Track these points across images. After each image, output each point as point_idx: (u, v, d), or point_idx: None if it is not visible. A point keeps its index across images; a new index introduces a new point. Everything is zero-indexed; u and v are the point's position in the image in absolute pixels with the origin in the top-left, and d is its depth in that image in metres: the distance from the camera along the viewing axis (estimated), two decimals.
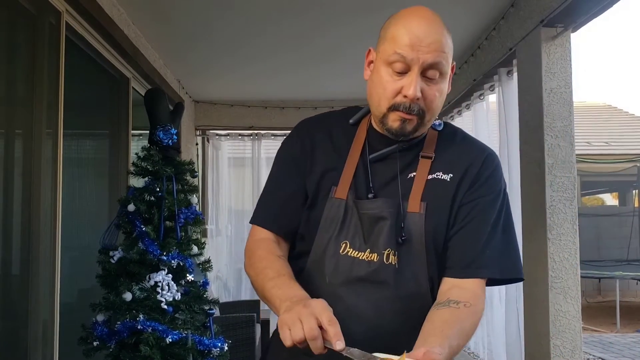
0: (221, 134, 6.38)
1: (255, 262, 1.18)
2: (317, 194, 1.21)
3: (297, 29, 3.91)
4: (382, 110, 1.17)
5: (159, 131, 2.66)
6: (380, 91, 1.16)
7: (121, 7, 3.38)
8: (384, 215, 1.15)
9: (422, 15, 1.17)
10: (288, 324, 0.94)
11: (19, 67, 2.49)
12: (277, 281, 1.09)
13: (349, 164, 1.22)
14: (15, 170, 2.42)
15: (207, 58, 4.64)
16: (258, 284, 1.14)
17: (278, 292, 1.06)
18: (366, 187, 1.20)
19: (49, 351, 2.56)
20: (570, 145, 2.95)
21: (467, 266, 1.16)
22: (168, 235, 2.57)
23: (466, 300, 1.11)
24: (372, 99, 1.20)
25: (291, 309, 0.97)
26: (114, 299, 2.41)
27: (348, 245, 1.16)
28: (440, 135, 1.26)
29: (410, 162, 1.22)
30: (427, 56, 1.12)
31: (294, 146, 1.28)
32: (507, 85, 3.60)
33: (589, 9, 2.73)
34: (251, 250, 1.22)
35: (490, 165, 1.24)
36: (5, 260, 2.38)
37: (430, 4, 1.28)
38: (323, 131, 1.28)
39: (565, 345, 2.87)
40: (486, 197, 1.20)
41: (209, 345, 2.54)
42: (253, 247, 1.23)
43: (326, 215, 1.18)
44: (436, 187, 1.19)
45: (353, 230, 1.16)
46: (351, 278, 1.14)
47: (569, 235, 2.92)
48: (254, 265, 1.18)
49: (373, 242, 1.15)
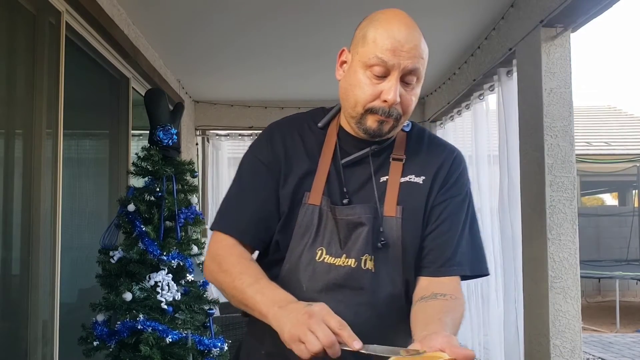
0: (221, 134, 6.38)
1: (229, 268, 1.14)
2: (292, 201, 1.19)
3: (297, 30, 3.91)
4: (358, 112, 1.16)
5: (159, 131, 2.67)
6: (358, 94, 1.15)
7: (121, 7, 3.38)
8: (363, 221, 1.16)
9: (402, 21, 1.16)
10: (300, 337, 0.93)
11: (19, 67, 2.49)
12: (256, 286, 1.08)
13: (321, 168, 1.20)
14: (16, 170, 2.42)
15: (207, 58, 4.64)
16: (236, 290, 1.11)
17: (262, 299, 1.05)
18: (340, 192, 1.19)
19: (49, 351, 2.56)
20: (570, 145, 2.95)
21: (443, 265, 1.19)
22: (168, 235, 2.57)
23: (450, 294, 1.14)
24: (347, 100, 1.19)
25: (286, 316, 0.97)
26: (114, 298, 2.41)
27: (324, 252, 1.15)
28: (409, 137, 1.27)
29: (382, 165, 1.22)
30: (408, 62, 1.12)
31: (265, 151, 1.23)
32: (506, 85, 3.60)
33: (589, 9, 2.73)
34: (221, 256, 1.17)
35: (459, 166, 1.27)
36: (5, 260, 2.38)
37: (431, 4, 1.28)
38: (294, 135, 1.25)
39: (565, 345, 2.88)
40: (456, 198, 1.23)
41: (209, 345, 2.55)
42: (223, 253, 1.17)
43: (300, 222, 1.17)
44: (411, 191, 1.20)
45: (329, 237, 1.16)
46: (329, 285, 1.14)
47: (568, 235, 2.92)
48: (228, 271, 1.14)
49: (350, 248, 1.15)
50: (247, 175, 1.24)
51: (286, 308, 0.99)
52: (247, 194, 1.22)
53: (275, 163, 1.21)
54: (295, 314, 0.96)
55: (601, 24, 55.12)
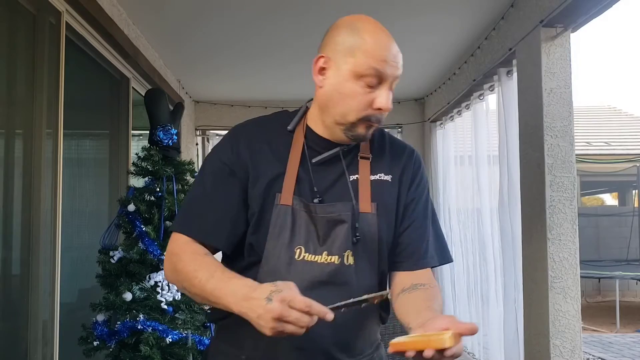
0: (221, 134, 6.38)
1: (184, 267, 1.15)
2: (263, 203, 1.20)
3: (297, 30, 3.91)
4: (349, 120, 1.19)
5: (159, 131, 2.67)
6: (351, 104, 1.17)
7: (121, 7, 3.38)
8: (343, 218, 1.20)
9: (383, 30, 1.21)
10: (281, 332, 0.98)
11: (19, 67, 2.49)
12: (213, 281, 1.10)
13: (290, 169, 1.22)
14: (16, 170, 2.42)
15: (208, 58, 4.65)
16: (195, 289, 1.13)
17: (221, 292, 1.07)
18: (310, 191, 1.22)
19: (49, 351, 2.56)
20: (570, 145, 2.95)
21: (420, 259, 1.28)
22: (168, 236, 2.57)
23: (428, 283, 1.24)
24: (335, 109, 1.20)
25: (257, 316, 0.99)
26: (114, 298, 2.41)
27: (303, 250, 1.17)
28: (372, 137, 1.29)
29: (350, 164, 1.26)
30: (398, 71, 1.19)
31: (229, 154, 1.24)
32: (506, 85, 3.60)
33: (589, 9, 2.73)
34: (177, 254, 1.19)
35: (420, 165, 1.36)
36: (5, 260, 2.38)
37: (431, 5, 1.29)
38: (261, 139, 1.26)
39: (565, 345, 2.88)
40: (422, 195, 1.33)
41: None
42: (178, 251, 1.19)
43: (274, 223, 1.18)
44: (381, 188, 1.26)
45: (305, 235, 1.18)
46: (314, 282, 1.16)
47: (568, 235, 2.92)
48: (183, 270, 1.15)
49: (330, 245, 1.18)
50: (210, 177, 1.24)
51: (251, 303, 1.01)
52: (210, 196, 1.22)
53: (240, 165, 1.22)
54: (264, 312, 0.98)
55: (601, 24, 55.14)
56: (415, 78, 5.26)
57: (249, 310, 1.01)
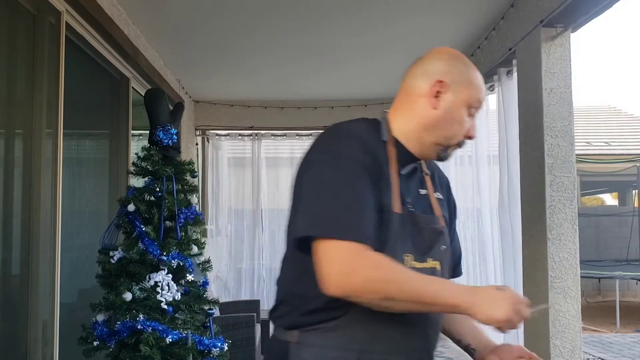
0: (221, 134, 6.38)
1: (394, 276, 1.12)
2: (382, 207, 1.19)
3: (296, 30, 3.91)
4: (450, 143, 1.30)
5: (159, 131, 2.66)
6: (458, 130, 1.29)
7: (121, 7, 3.38)
8: (442, 229, 1.32)
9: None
10: (511, 319, 1.13)
11: (19, 66, 2.49)
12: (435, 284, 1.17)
13: (394, 178, 1.24)
14: (16, 170, 2.42)
15: (207, 58, 4.65)
16: (407, 294, 1.11)
17: (447, 292, 1.13)
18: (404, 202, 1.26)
19: (49, 351, 2.56)
20: (570, 145, 2.95)
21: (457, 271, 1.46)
22: (168, 235, 2.57)
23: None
24: (444, 131, 1.28)
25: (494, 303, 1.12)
26: (114, 298, 2.41)
27: (412, 258, 1.22)
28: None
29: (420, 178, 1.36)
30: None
31: (361, 154, 1.20)
32: (506, 85, 3.60)
33: (589, 9, 2.73)
34: (379, 267, 1.12)
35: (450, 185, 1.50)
36: (5, 260, 2.38)
37: (431, 5, 1.29)
38: (372, 144, 1.25)
39: (565, 345, 2.88)
40: (456, 212, 1.48)
41: (209, 345, 2.55)
42: (381, 261, 1.12)
43: (392, 229, 1.19)
44: (441, 204, 1.38)
45: (412, 243, 1.23)
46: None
47: (568, 235, 2.92)
48: (394, 279, 1.12)
49: (434, 253, 1.28)
50: (350, 177, 1.17)
51: (481, 295, 1.13)
52: (363, 200, 1.16)
53: (371, 168, 1.20)
54: (503, 300, 1.13)
55: (601, 24, 55.16)
56: None
57: (487, 296, 1.12)
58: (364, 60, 4.65)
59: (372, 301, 1.12)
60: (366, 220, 1.15)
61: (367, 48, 4.31)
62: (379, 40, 4.12)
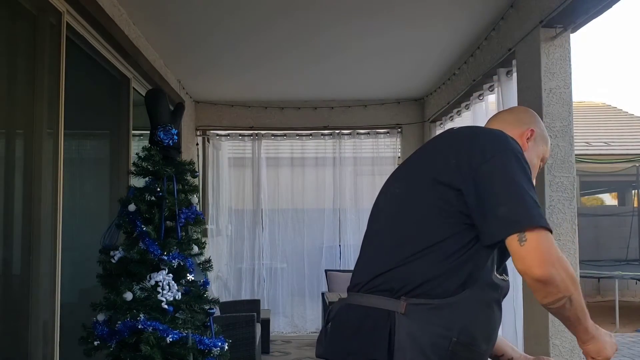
0: (221, 134, 6.39)
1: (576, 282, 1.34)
2: None
3: (296, 30, 3.92)
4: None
5: (160, 131, 2.67)
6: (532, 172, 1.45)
7: (121, 7, 3.39)
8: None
9: None
10: (609, 357, 1.39)
11: (20, 67, 2.49)
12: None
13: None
14: (16, 170, 2.42)
15: (208, 58, 4.65)
16: (581, 301, 1.37)
17: (589, 321, 1.42)
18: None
19: (49, 351, 2.56)
20: (569, 145, 2.96)
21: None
22: (168, 235, 2.58)
23: None
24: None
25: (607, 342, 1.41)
26: (115, 298, 2.41)
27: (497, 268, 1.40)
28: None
29: None
30: None
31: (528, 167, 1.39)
32: (506, 85, 3.61)
33: (588, 9, 2.74)
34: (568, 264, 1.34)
35: None
36: (5, 260, 2.38)
37: (431, 5, 1.29)
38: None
39: (565, 344, 2.88)
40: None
41: (210, 344, 2.55)
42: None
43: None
44: None
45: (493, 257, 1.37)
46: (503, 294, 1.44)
47: (568, 235, 2.93)
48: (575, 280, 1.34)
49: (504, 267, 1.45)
50: (526, 177, 1.34)
51: (602, 335, 1.42)
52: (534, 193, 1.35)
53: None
54: (610, 343, 1.41)
55: (601, 24, 55.08)
56: (415, 78, 5.26)
57: (605, 341, 1.40)
58: (364, 61, 4.66)
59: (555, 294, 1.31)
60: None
61: (367, 49, 4.32)
62: (379, 42, 4.12)
